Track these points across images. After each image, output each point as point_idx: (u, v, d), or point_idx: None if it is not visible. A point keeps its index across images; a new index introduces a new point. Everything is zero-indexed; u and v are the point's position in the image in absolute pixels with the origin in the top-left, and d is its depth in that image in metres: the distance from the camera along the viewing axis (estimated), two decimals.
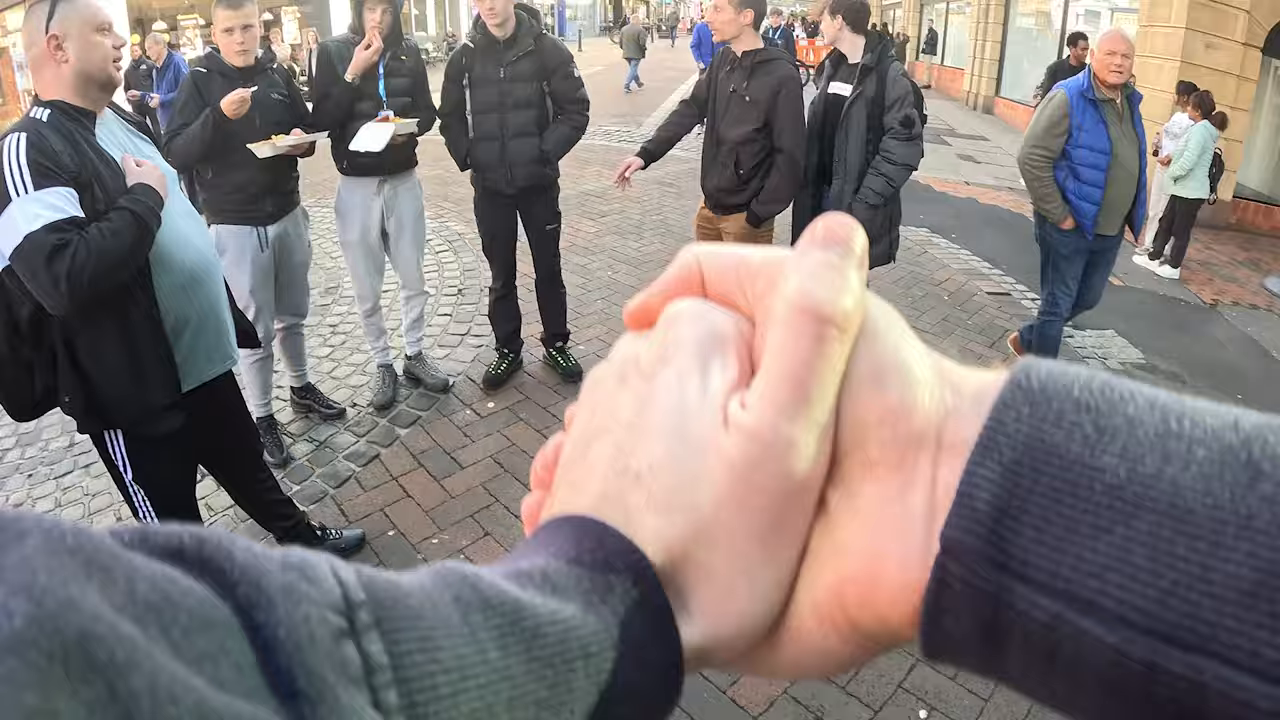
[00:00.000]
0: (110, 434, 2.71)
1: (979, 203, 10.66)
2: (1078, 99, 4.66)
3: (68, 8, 2.43)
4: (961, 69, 21.19)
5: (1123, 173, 4.69)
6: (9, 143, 2.26)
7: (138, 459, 2.75)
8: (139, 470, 2.77)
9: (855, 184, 4.69)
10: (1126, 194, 4.77)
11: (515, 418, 4.84)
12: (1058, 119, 4.72)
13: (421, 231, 4.96)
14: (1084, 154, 4.68)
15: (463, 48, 4.72)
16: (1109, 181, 4.66)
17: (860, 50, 4.71)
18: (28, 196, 2.23)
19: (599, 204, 9.66)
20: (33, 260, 2.22)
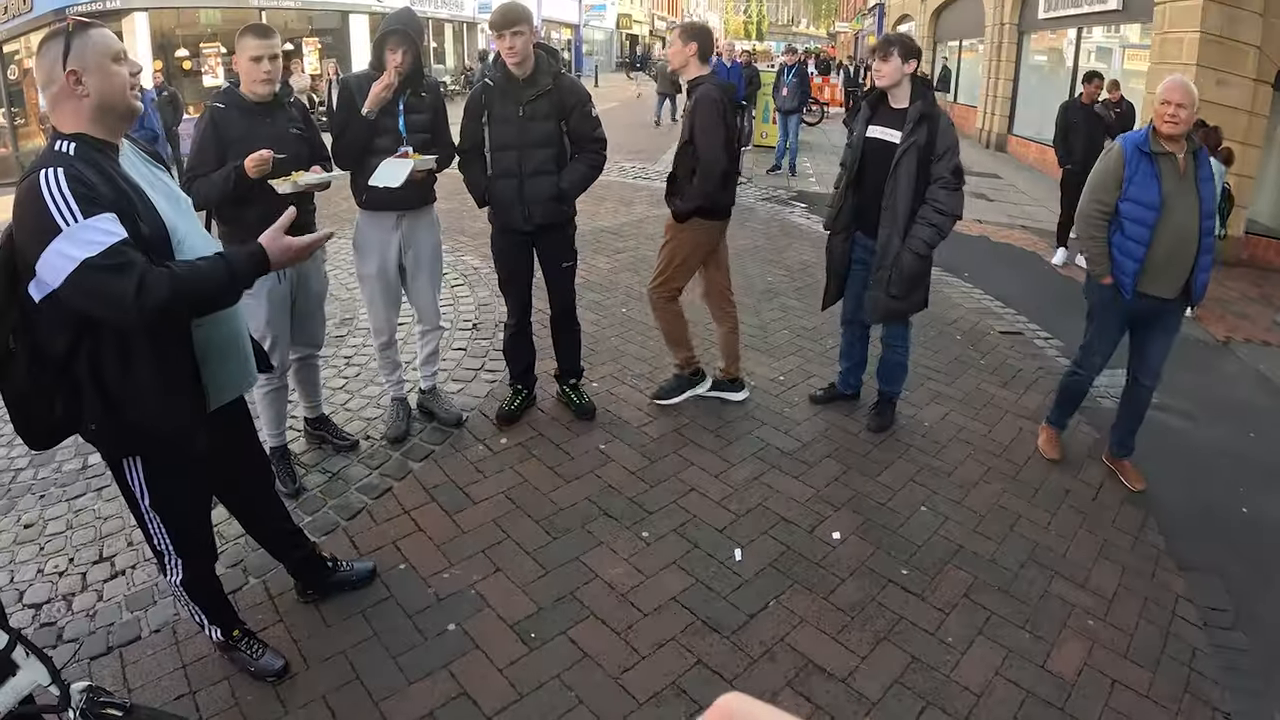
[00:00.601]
0: (129, 460, 2.72)
1: (991, 241, 10.68)
2: (1133, 151, 4.39)
3: (83, 41, 2.43)
4: (974, 106, 21.34)
5: (1174, 232, 4.32)
6: (47, 177, 2.28)
7: (155, 484, 2.77)
8: (156, 496, 2.79)
9: (903, 233, 4.67)
10: (1179, 255, 4.36)
11: (528, 454, 4.83)
12: (1113, 171, 4.47)
13: (438, 267, 4.99)
14: (1130, 208, 4.40)
15: (482, 85, 4.75)
16: (1155, 239, 4.33)
17: (906, 95, 4.69)
18: (79, 225, 2.25)
19: (614, 241, 9.71)
20: (95, 282, 2.25)
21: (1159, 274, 4.40)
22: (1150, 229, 4.33)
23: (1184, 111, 4.23)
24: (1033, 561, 4.04)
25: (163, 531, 2.88)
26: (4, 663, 2.25)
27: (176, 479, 2.83)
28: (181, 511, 2.92)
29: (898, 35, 4.76)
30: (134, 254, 2.31)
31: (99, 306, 2.32)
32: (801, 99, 15.31)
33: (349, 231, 4.97)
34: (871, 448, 5.00)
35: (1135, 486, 4.69)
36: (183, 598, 3.17)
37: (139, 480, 2.75)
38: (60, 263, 2.24)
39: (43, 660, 2.33)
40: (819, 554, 4.00)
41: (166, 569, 3.01)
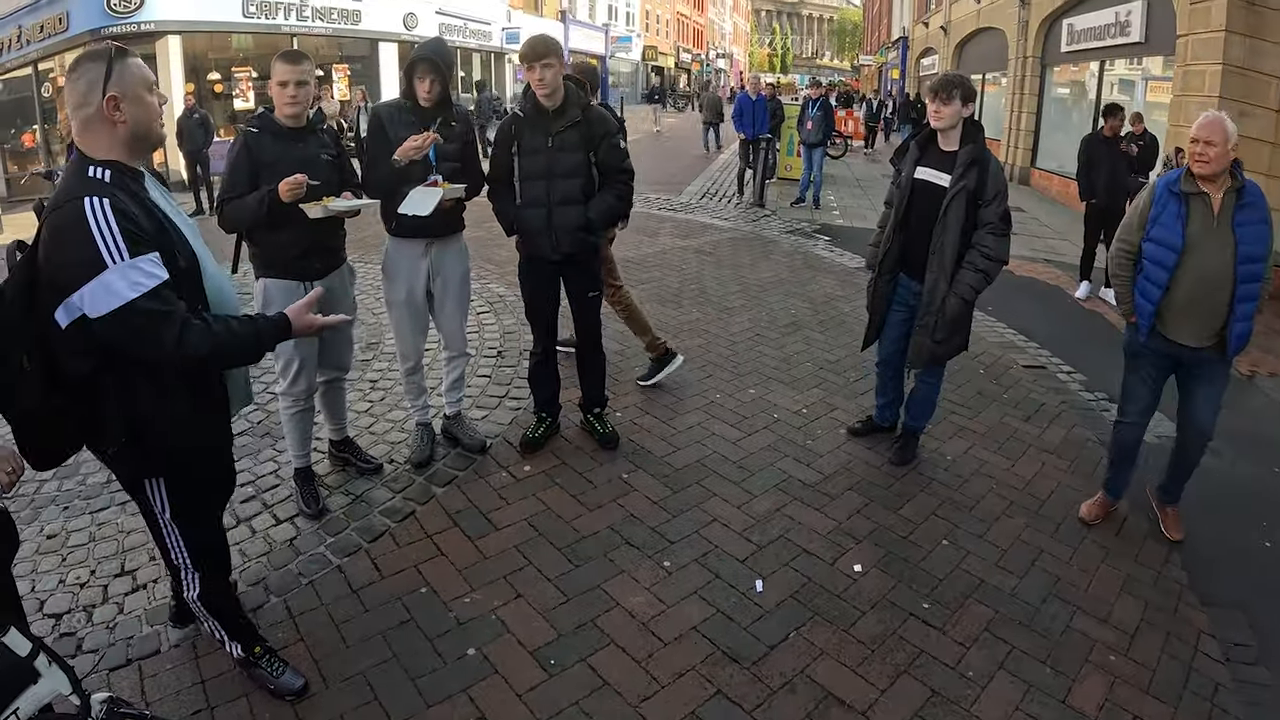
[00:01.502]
0: (151, 480, 2.79)
1: (1014, 274, 10.60)
2: (1163, 189, 4.20)
3: (123, 67, 2.46)
4: (997, 140, 21.32)
5: (1198, 275, 4.08)
6: (93, 206, 2.33)
7: (176, 500, 2.84)
8: (176, 509, 2.86)
9: (949, 278, 4.65)
10: (1203, 300, 4.10)
11: (551, 482, 4.85)
12: (1140, 210, 4.31)
13: (466, 294, 5.03)
14: (1151, 248, 4.22)
15: (512, 116, 4.82)
16: (1175, 282, 4.12)
17: (957, 137, 4.66)
18: (126, 264, 2.33)
19: (638, 271, 9.75)
20: (138, 324, 2.36)
21: (1181, 319, 4.19)
22: (1169, 270, 4.13)
23: (1213, 149, 3.94)
24: (1055, 596, 4.02)
25: (181, 545, 2.95)
26: (26, 670, 2.27)
27: (197, 494, 2.92)
28: (200, 525, 3.00)
29: (959, 77, 4.64)
30: (175, 299, 2.44)
31: (136, 345, 2.41)
32: (826, 132, 15.39)
33: (377, 257, 5.03)
34: (894, 481, 4.99)
35: (1171, 536, 4.54)
36: (202, 613, 3.19)
37: (160, 496, 2.82)
38: (106, 298, 2.31)
39: (64, 669, 2.36)
40: (840, 586, 4.00)
41: (184, 584, 3.07)
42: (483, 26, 35.76)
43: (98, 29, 19.50)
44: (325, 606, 3.80)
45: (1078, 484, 5.06)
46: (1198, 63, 11.52)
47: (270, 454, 5.21)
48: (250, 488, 4.82)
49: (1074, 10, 17.34)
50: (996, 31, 22.85)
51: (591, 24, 49.19)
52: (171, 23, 20.39)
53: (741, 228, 12.76)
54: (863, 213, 14.71)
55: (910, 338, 4.94)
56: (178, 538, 2.94)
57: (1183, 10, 12.02)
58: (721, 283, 9.32)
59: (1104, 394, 6.50)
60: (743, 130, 15.54)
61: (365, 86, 22.32)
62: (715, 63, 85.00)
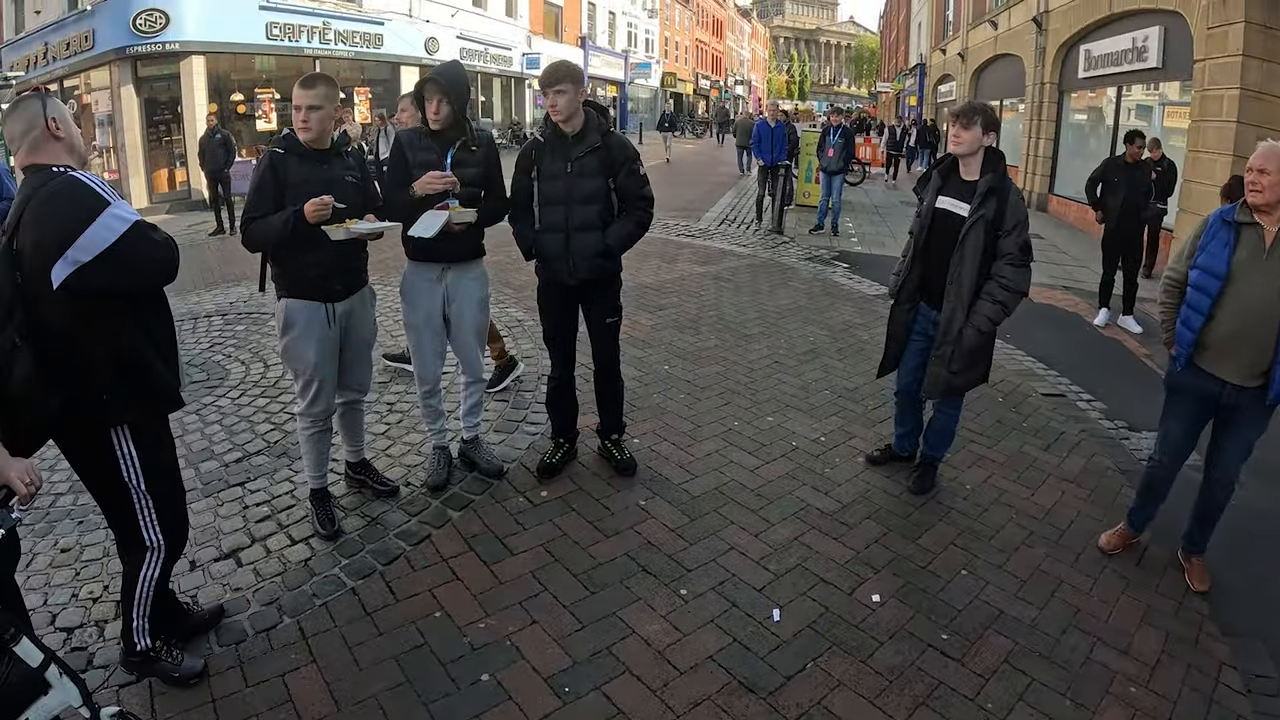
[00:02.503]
0: (118, 431, 3.06)
1: (1033, 301, 10.49)
2: (1215, 218, 4.06)
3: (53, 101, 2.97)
4: (1015, 166, 21.20)
5: (1243, 306, 3.89)
6: (82, 176, 2.86)
7: (144, 452, 3.14)
8: (145, 464, 3.15)
9: (967, 309, 4.62)
10: (1249, 334, 3.89)
11: (568, 507, 4.84)
12: (1191, 238, 4.17)
13: (484, 321, 5.03)
14: (1195, 275, 4.06)
15: (533, 141, 4.84)
16: (1216, 313, 3.97)
17: (978, 166, 4.64)
18: (120, 203, 2.86)
19: (657, 297, 9.76)
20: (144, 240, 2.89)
21: (1223, 352, 4.02)
22: (1211, 298, 3.96)
23: (1267, 178, 3.77)
24: (1074, 627, 3.96)
25: (153, 515, 3.21)
26: (37, 681, 2.32)
27: (160, 446, 3.25)
28: (167, 478, 3.28)
29: (981, 105, 4.65)
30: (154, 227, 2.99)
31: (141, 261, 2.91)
32: (846, 159, 15.41)
33: (397, 279, 5.05)
34: (912, 510, 4.96)
35: (1196, 587, 4.37)
36: (144, 595, 3.31)
37: (129, 449, 3.09)
38: (116, 224, 2.79)
39: (76, 681, 2.42)
40: (858, 616, 3.96)
41: (147, 562, 3.27)
42: (503, 52, 36.13)
43: (123, 47, 19.81)
44: (339, 629, 3.79)
45: (1098, 513, 5.01)
46: (1215, 87, 11.51)
47: (287, 474, 5.22)
48: (266, 507, 4.84)
49: (1091, 36, 17.34)
50: (1014, 58, 22.90)
51: (611, 50, 49.56)
52: (196, 43, 20.66)
53: (760, 254, 12.78)
54: (881, 240, 14.71)
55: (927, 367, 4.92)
56: (150, 506, 3.20)
57: (1200, 35, 12.02)
58: (740, 309, 9.32)
59: (1124, 422, 6.46)
60: (761, 157, 15.56)
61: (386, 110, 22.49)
62: (734, 89, 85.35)
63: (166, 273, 3.00)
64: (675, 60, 64.83)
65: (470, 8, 33.36)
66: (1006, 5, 23.60)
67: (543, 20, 40.75)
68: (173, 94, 21.09)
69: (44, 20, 22.70)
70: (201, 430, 5.96)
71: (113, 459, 3.08)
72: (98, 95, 21.95)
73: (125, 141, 20.34)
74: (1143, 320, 9.12)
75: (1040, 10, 19.57)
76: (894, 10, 65.79)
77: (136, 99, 20.66)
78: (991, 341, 4.80)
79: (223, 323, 8.71)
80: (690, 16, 69.21)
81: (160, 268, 2.97)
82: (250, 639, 3.72)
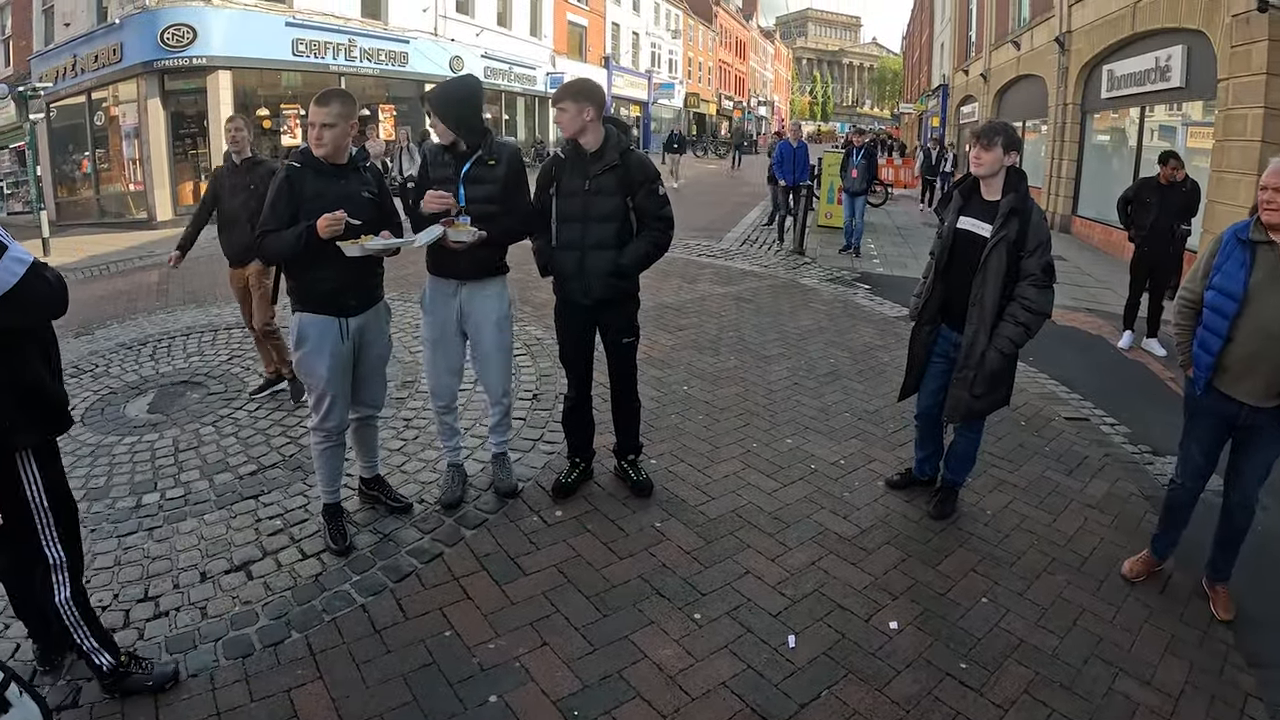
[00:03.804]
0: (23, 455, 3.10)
1: (1056, 324, 10.38)
2: (1230, 237, 3.99)
3: None
4: (1038, 188, 21.06)
5: (1260, 327, 3.84)
6: None
7: (46, 472, 3.18)
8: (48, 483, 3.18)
9: (989, 330, 4.56)
10: (1265, 355, 3.85)
11: (582, 528, 4.79)
12: (1206, 258, 4.11)
13: (503, 340, 4.92)
14: (1211, 296, 4.00)
15: (554, 157, 4.82)
16: (1234, 334, 3.90)
17: (999, 187, 4.58)
18: (16, 245, 2.83)
19: (677, 317, 9.73)
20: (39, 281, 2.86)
21: (1241, 373, 3.95)
22: (1228, 319, 3.91)
23: None
24: (1096, 657, 3.88)
25: (53, 530, 3.21)
26: None
27: (57, 465, 3.27)
28: (65, 496, 3.30)
29: (1002, 125, 4.59)
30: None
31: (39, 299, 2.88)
32: (869, 180, 15.37)
33: (414, 295, 5.04)
34: (932, 535, 4.88)
35: (1221, 615, 4.28)
36: (73, 618, 3.32)
37: (33, 471, 3.12)
38: (15, 267, 2.78)
39: (36, 700, 2.44)
40: (875, 644, 3.88)
41: (55, 585, 3.26)
42: (528, 71, 36.41)
43: (151, 61, 20.08)
44: (347, 645, 3.76)
45: (1121, 540, 4.91)
46: (1239, 106, 11.41)
47: (300, 488, 5.22)
48: (278, 521, 4.84)
49: (1114, 56, 17.25)
50: (1036, 79, 22.81)
51: (635, 70, 49.82)
52: (223, 58, 20.90)
53: (781, 275, 12.72)
54: (903, 261, 14.64)
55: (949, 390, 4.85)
56: (51, 522, 3.20)
57: (1223, 54, 11.94)
58: (760, 330, 9.28)
59: (1148, 447, 6.37)
60: (783, 177, 15.54)
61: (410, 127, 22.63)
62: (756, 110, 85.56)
63: (58, 309, 3.02)
64: (698, 81, 65.10)
65: (495, 27, 33.65)
66: (1029, 26, 23.55)
67: (567, 40, 41.02)
68: (199, 108, 21.33)
69: (73, 32, 22.99)
70: (217, 442, 5.97)
71: (16, 480, 3.11)
72: (125, 108, 22.19)
73: (151, 154, 20.56)
74: (1167, 343, 8.99)
75: (1063, 30, 19.51)
76: (916, 31, 65.91)
77: (163, 112, 20.89)
78: (1014, 364, 4.73)
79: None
80: (714, 37, 69.54)
81: (53, 304, 2.98)
82: (258, 653, 3.70)
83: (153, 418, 6.52)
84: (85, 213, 23.80)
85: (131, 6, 20.40)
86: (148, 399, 6.99)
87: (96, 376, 7.72)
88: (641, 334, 5.12)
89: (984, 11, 30.42)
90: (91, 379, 7.65)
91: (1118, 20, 16.37)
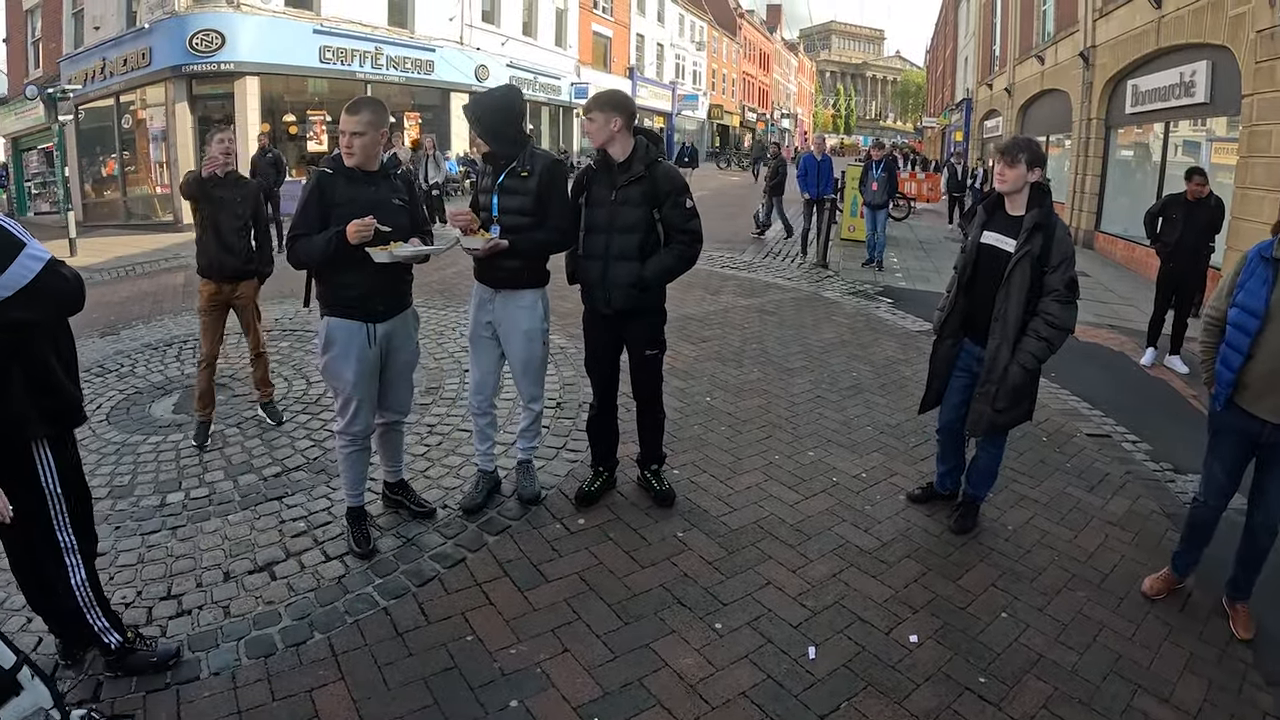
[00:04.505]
0: (38, 443, 3.18)
1: (1079, 340, 10.26)
2: (1254, 255, 3.99)
3: None
4: (1062, 203, 20.88)
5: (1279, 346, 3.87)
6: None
7: (59, 460, 3.25)
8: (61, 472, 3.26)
9: (1012, 345, 4.55)
10: None
11: (604, 536, 4.81)
12: (1230, 276, 4.12)
13: (532, 352, 4.91)
14: (1233, 313, 4.01)
15: (586, 167, 4.86)
16: (1255, 351, 3.91)
17: (1024, 202, 4.58)
18: (34, 243, 2.93)
19: (700, 328, 9.75)
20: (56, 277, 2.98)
21: (1262, 390, 3.95)
22: (1250, 336, 3.91)
23: None
24: (1115, 674, 3.86)
25: (65, 518, 3.30)
26: (9, 682, 2.40)
27: (72, 453, 3.35)
28: (78, 483, 3.40)
29: (1026, 140, 4.59)
30: None
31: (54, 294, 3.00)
32: (889, 193, 15.37)
33: (442, 301, 5.07)
34: (953, 550, 4.87)
35: (1240, 634, 4.25)
36: (87, 601, 3.42)
37: (48, 460, 3.21)
38: (31, 264, 2.89)
39: (47, 684, 2.49)
40: (895, 657, 3.88)
41: (69, 567, 3.36)
42: (552, 81, 36.50)
43: (179, 66, 20.25)
44: (369, 647, 3.78)
45: (1142, 557, 4.89)
46: (1264, 123, 11.32)
47: (324, 490, 5.26)
48: (303, 523, 4.88)
49: (1139, 71, 17.12)
50: (1060, 93, 22.67)
51: (659, 81, 49.93)
52: (250, 64, 21.06)
53: (804, 288, 12.74)
54: (926, 275, 14.61)
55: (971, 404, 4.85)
56: (62, 508, 3.28)
57: (1248, 70, 11.83)
58: (783, 343, 9.28)
59: (1169, 464, 6.34)
60: (807, 190, 15.54)
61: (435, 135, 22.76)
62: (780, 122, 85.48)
63: (74, 305, 3.14)
64: (722, 93, 65.21)
65: (520, 37, 33.77)
66: (1053, 40, 23.43)
67: (591, 51, 41.14)
68: (226, 112, 21.48)
69: (103, 36, 23.22)
70: (242, 444, 6.02)
71: (33, 469, 3.19)
72: (152, 111, 22.40)
73: (178, 158, 20.71)
74: (1189, 360, 8.93)
75: (1087, 45, 19.38)
76: (940, 45, 65.76)
77: (190, 116, 21.05)
78: (1036, 379, 4.71)
79: (267, 338, 8.76)
80: (738, 49, 69.62)
81: (70, 300, 3.10)
82: (280, 652, 3.74)
83: (178, 418, 6.59)
84: (112, 214, 24.03)
85: (161, 11, 20.59)
86: (173, 399, 7.06)
87: (122, 376, 7.81)
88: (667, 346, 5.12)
89: (1008, 25, 30.32)
90: (117, 378, 7.74)
91: (1142, 35, 16.29)
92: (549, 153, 4.87)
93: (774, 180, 18.50)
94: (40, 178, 29.98)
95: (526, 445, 5.24)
